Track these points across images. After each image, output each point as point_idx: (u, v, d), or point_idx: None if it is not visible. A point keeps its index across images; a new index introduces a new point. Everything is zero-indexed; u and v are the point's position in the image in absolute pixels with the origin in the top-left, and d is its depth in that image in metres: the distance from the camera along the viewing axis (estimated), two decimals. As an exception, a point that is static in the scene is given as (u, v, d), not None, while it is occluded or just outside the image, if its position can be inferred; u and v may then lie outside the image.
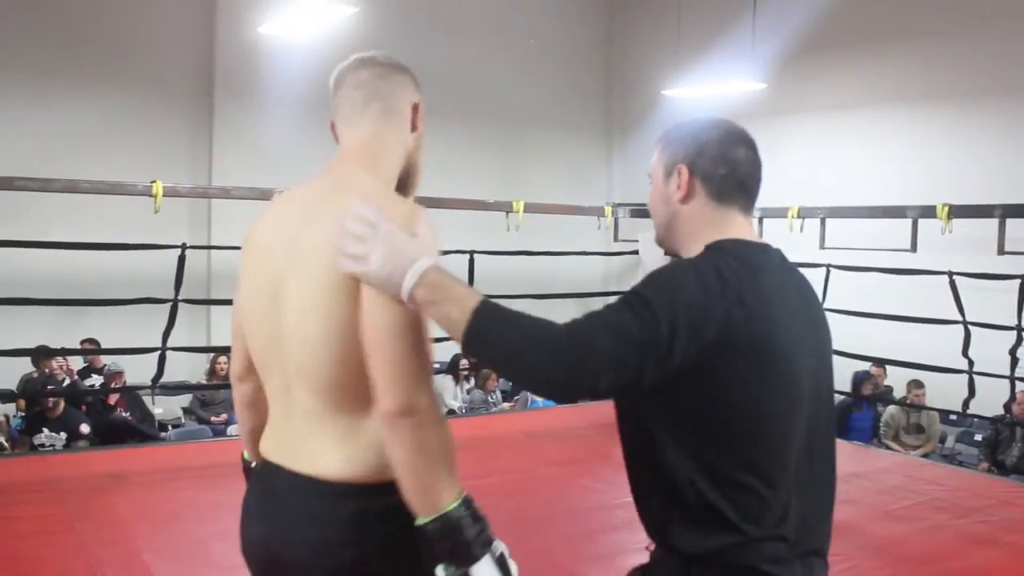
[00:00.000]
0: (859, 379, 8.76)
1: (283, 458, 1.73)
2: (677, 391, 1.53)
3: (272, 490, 1.74)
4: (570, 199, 10.95)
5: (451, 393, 9.31)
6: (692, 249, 1.69)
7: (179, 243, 7.36)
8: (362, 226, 1.58)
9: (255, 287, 1.77)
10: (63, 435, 7.31)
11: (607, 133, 13.08)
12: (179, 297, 7.18)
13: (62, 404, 7.39)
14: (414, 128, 1.85)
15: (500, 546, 1.59)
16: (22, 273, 8.54)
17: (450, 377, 9.38)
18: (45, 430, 7.31)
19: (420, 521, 1.56)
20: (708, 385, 1.53)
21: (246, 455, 1.97)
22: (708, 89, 9.53)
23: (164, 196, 7.19)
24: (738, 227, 1.70)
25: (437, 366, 9.87)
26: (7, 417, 7.89)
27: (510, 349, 1.49)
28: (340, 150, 1.80)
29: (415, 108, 1.85)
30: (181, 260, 7.22)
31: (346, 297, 1.62)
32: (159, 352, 7.18)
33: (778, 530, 1.59)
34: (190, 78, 9.99)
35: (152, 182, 7.24)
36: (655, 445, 1.59)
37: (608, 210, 10.11)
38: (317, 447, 1.68)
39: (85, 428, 7.40)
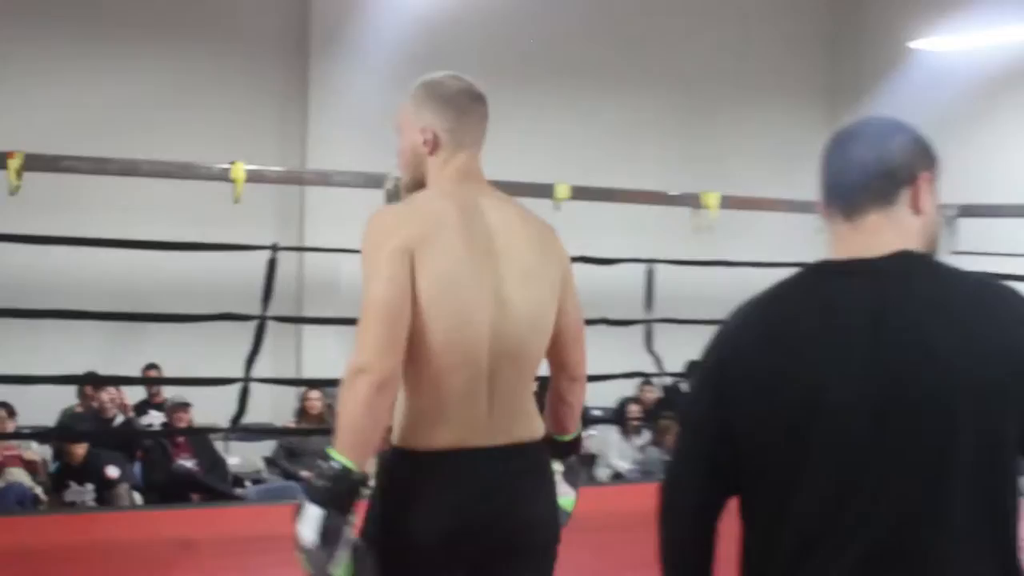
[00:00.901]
0: None
1: (491, 439, 2.61)
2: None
3: (495, 468, 2.61)
4: (778, 190, 10.58)
5: (617, 451, 9.24)
6: None
7: (267, 243, 7.42)
8: None
9: (472, 289, 2.58)
10: (89, 485, 7.39)
11: (830, 102, 12.72)
12: (267, 313, 7.20)
13: (84, 446, 7.44)
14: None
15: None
16: (67, 279, 8.75)
17: (616, 429, 9.25)
18: (71, 483, 7.40)
19: (571, 436, 2.93)
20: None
21: (352, 466, 2.48)
22: (974, 40, 9.26)
23: (246, 182, 7.22)
24: (842, 241, 1.96)
25: (598, 413, 9.82)
26: (44, 461, 8.05)
27: None
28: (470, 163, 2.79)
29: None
30: (271, 265, 7.23)
31: (556, 293, 2.72)
32: (240, 384, 7.20)
33: None
34: (278, 35, 10.14)
35: (231, 164, 7.28)
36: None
37: (829, 205, 9.71)
38: (520, 420, 2.68)
39: (113, 471, 7.41)
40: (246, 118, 9.91)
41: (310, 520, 2.44)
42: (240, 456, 8.90)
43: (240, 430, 7.58)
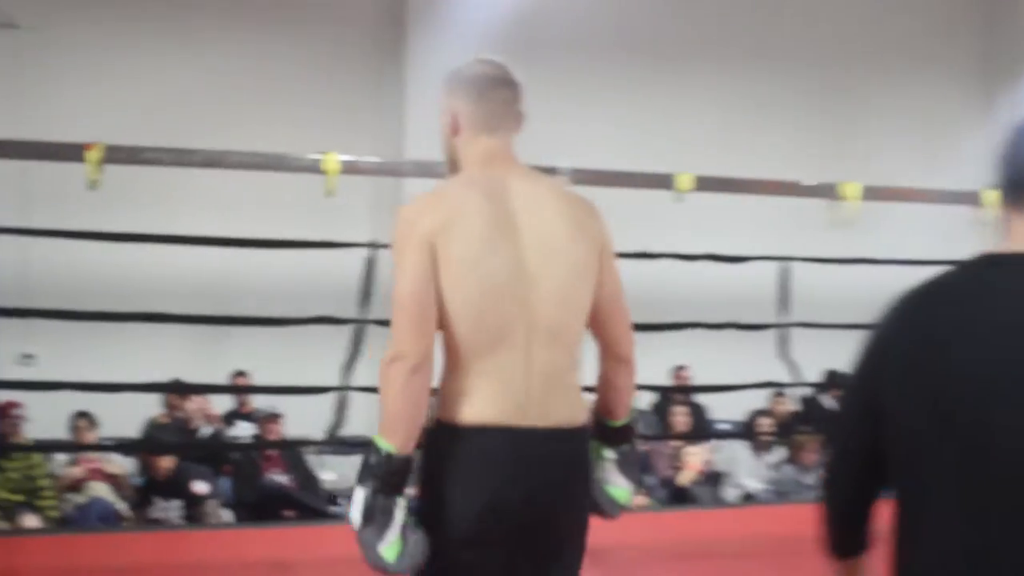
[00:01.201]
0: None
1: (529, 419, 2.85)
2: None
3: (530, 450, 2.85)
4: (926, 179, 10.38)
5: (747, 468, 9.15)
6: None
7: (362, 240, 7.44)
8: None
9: (495, 268, 2.84)
10: (176, 501, 7.51)
11: (984, 81, 12.48)
12: (366, 316, 7.22)
13: (170, 459, 7.56)
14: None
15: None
16: (149, 279, 8.90)
17: (745, 445, 9.17)
18: (156, 498, 7.54)
19: (623, 421, 3.16)
20: None
21: (393, 450, 2.78)
22: None
23: (340, 174, 7.26)
24: (1016, 234, 2.04)
25: (725, 426, 9.84)
26: (127, 475, 8.14)
27: None
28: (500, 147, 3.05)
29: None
30: (368, 265, 7.27)
31: (593, 272, 2.95)
32: (336, 393, 7.25)
33: None
34: (372, 13, 10.19)
35: (323, 154, 7.34)
36: None
37: (989, 195, 9.46)
38: (560, 401, 2.90)
39: (201, 487, 7.54)
40: (339, 105, 9.95)
41: (357, 503, 2.81)
42: (336, 471, 8.83)
43: (336, 443, 7.57)
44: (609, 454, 3.18)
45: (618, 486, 3.19)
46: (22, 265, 8.88)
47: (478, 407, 2.84)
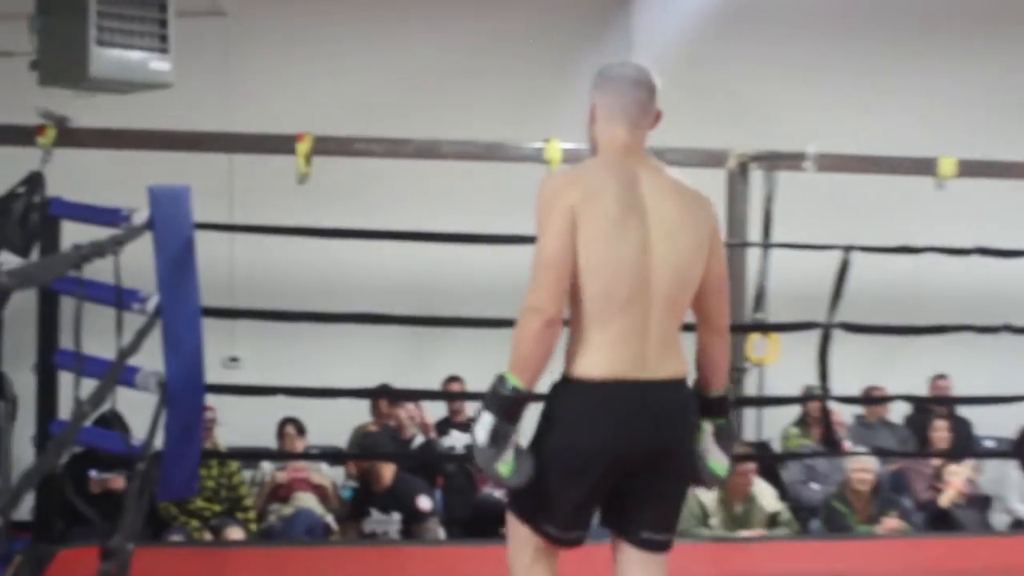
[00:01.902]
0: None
1: (650, 373, 3.46)
2: None
3: (650, 397, 3.45)
4: None
5: (1019, 492, 8.69)
6: None
7: None
8: None
9: (625, 244, 3.42)
10: (395, 515, 7.45)
11: None
12: None
13: (391, 470, 7.50)
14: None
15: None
16: (358, 277, 8.87)
17: (1016, 465, 8.65)
18: (373, 511, 7.46)
19: (719, 392, 3.72)
20: None
21: (521, 386, 3.40)
22: None
23: (563, 163, 7.25)
24: None
25: (991, 444, 9.53)
26: (334, 485, 8.14)
27: None
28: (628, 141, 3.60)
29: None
30: None
31: (703, 249, 3.54)
32: None
33: None
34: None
35: (545, 142, 7.38)
36: None
37: None
38: (671, 359, 3.51)
39: (425, 503, 7.47)
40: (561, 89, 9.58)
41: (483, 425, 3.43)
42: None
43: None
44: (707, 426, 3.71)
45: (716, 459, 3.73)
46: (227, 264, 8.97)
47: (605, 366, 3.44)
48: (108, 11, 6.26)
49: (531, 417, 3.51)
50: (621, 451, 3.46)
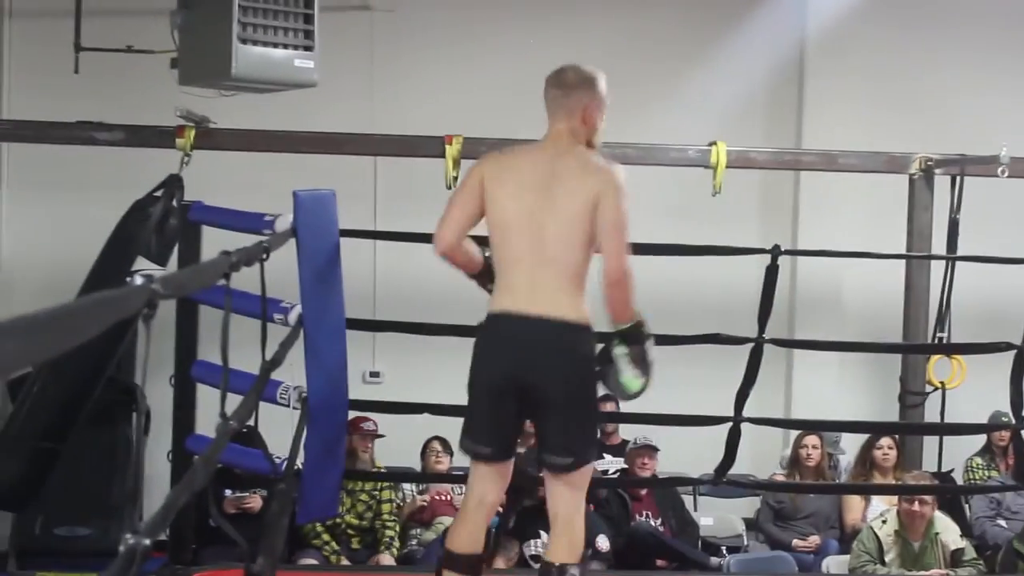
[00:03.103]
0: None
1: (527, 309, 4.51)
2: None
3: (523, 327, 4.51)
4: None
5: None
6: None
7: (752, 244, 7.37)
8: None
9: (521, 206, 4.54)
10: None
11: None
12: (763, 335, 6.97)
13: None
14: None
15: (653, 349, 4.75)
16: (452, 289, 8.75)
17: None
18: (542, 532, 7.20)
19: (623, 326, 4.67)
20: None
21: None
22: None
23: (728, 168, 7.33)
24: None
25: None
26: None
27: None
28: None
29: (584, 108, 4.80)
30: (770, 274, 6.96)
31: (588, 220, 4.53)
32: (727, 425, 6.94)
33: None
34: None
35: (710, 144, 7.40)
36: None
37: None
38: (549, 303, 4.51)
39: (603, 543, 7.36)
40: (726, 87, 9.54)
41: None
42: (713, 516, 8.77)
43: (725, 483, 7.35)
44: (619, 349, 4.62)
45: (628, 376, 4.63)
46: (369, 273, 9.04)
47: (497, 303, 4.59)
48: (252, 6, 6.28)
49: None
50: (496, 368, 4.54)
